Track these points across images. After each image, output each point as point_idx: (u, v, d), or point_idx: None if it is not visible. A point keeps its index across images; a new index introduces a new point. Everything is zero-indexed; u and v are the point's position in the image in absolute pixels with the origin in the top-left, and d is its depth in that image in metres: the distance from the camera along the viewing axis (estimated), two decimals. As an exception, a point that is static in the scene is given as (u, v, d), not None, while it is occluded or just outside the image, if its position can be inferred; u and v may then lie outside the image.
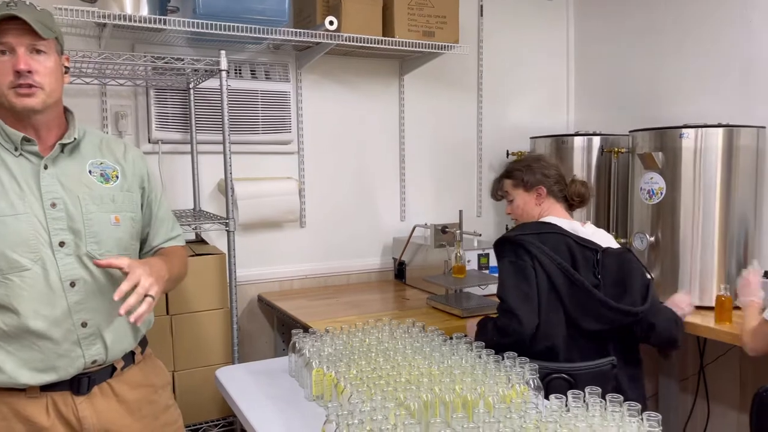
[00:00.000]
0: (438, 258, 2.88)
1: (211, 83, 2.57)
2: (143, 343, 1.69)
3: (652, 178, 2.61)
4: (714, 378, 2.97)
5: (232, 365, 2.19)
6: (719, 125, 2.50)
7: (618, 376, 1.91)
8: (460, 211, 2.78)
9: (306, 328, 1.95)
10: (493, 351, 1.65)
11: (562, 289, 1.89)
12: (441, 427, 1.21)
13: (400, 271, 3.21)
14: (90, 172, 1.55)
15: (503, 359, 1.60)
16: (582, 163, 3.05)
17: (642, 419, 1.24)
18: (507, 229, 3.40)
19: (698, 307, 2.53)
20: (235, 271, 2.40)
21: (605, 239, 2.04)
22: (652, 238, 2.62)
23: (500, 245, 2.02)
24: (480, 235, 2.79)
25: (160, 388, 1.70)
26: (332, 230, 3.16)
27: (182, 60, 2.27)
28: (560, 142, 3.10)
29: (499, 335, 1.90)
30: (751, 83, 2.77)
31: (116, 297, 1.37)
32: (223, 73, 2.29)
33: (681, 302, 2.27)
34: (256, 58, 2.88)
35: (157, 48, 2.66)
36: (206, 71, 2.44)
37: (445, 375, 1.54)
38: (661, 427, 1.23)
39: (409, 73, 3.21)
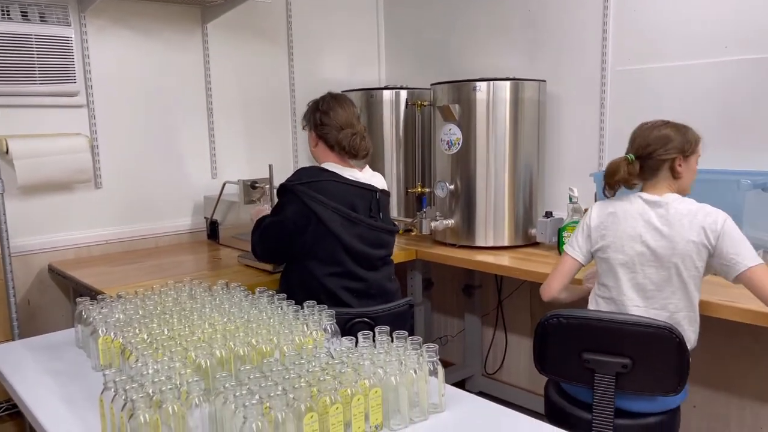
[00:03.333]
0: (250, 214, 2.80)
1: (-32, 24, 2.20)
2: None
3: (450, 129, 2.76)
4: (510, 311, 3.29)
5: (8, 342, 1.96)
6: (507, 78, 2.70)
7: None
8: (270, 166, 2.72)
9: (96, 296, 1.80)
10: (294, 302, 1.66)
11: (339, 229, 2.00)
12: (226, 381, 1.18)
13: (213, 230, 3.09)
14: None
15: (303, 309, 1.61)
16: (391, 116, 3.14)
17: (422, 351, 1.32)
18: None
19: (493, 248, 2.77)
20: (7, 239, 2.13)
21: (380, 182, 2.19)
22: (452, 186, 2.79)
23: (279, 190, 2.10)
24: (292, 189, 2.76)
25: None
26: (135, 191, 2.93)
27: None
28: (369, 96, 3.15)
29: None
30: (532, 39, 3.01)
31: None
32: (-25, 11, 1.96)
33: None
34: (27, -3, 2.53)
35: None
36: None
37: (241, 329, 1.51)
38: (438, 357, 1.32)
39: (213, 21, 3.03)
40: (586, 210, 2.27)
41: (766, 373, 2.37)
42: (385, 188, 2.21)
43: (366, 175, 2.14)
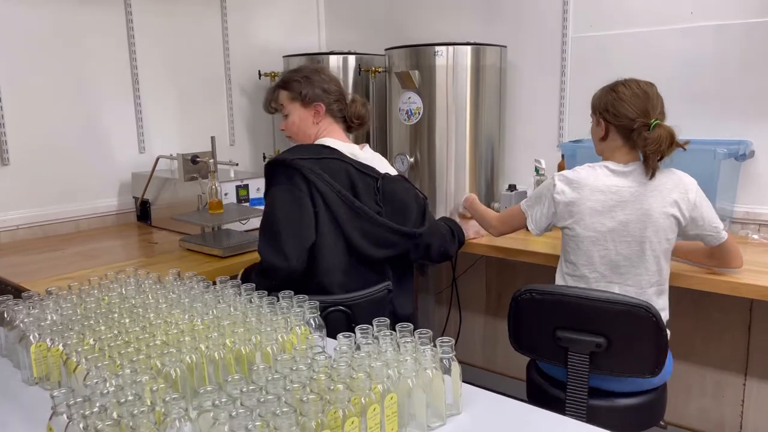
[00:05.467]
0: (190, 193, 2.52)
1: None
2: None
3: (410, 98, 2.58)
4: (465, 287, 3.18)
5: None
6: (468, 43, 2.54)
7: (392, 298, 1.84)
8: (212, 138, 2.44)
9: (19, 292, 1.50)
10: (266, 293, 1.44)
11: (343, 218, 1.73)
12: (213, 397, 0.97)
13: (143, 211, 2.77)
14: None
15: (278, 300, 1.40)
16: (338, 84, 2.91)
17: (435, 345, 1.15)
18: (265, 159, 3.16)
19: (454, 223, 2.64)
20: None
21: (382, 165, 1.91)
22: (412, 159, 2.62)
23: (273, 168, 1.76)
24: (237, 164, 2.49)
25: None
26: (49, 167, 2.56)
27: None
28: (315, 62, 2.90)
29: (262, 276, 1.70)
30: (490, 3, 2.86)
31: None
32: None
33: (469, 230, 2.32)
34: None
35: None
36: None
37: (212, 329, 1.28)
38: (454, 352, 1.16)
39: (135, -25, 2.68)
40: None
41: (728, 342, 2.40)
42: (391, 171, 1.89)
43: (366, 155, 1.86)
